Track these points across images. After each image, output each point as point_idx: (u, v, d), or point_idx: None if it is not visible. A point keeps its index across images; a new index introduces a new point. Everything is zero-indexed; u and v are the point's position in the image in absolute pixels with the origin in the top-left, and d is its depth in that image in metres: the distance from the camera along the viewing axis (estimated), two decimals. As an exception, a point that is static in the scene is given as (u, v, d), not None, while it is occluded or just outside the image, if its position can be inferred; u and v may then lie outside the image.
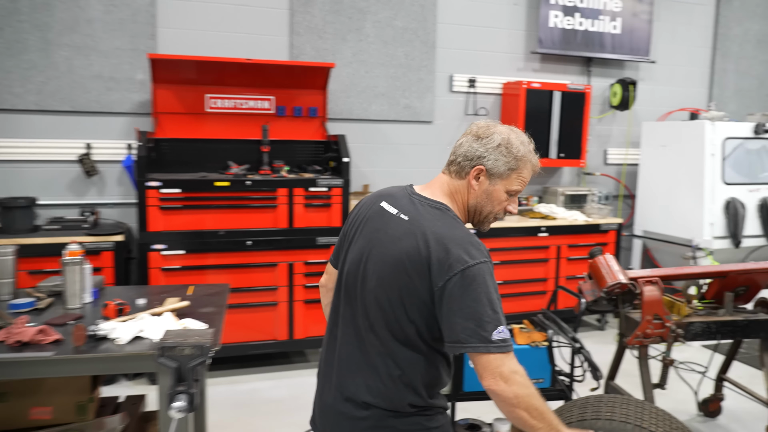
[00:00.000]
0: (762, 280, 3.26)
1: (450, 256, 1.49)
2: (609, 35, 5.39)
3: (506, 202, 1.67)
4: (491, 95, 5.17)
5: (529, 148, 1.67)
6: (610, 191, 5.65)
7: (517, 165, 1.63)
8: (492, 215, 1.69)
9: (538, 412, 1.46)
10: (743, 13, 6.00)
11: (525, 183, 1.67)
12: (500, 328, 1.46)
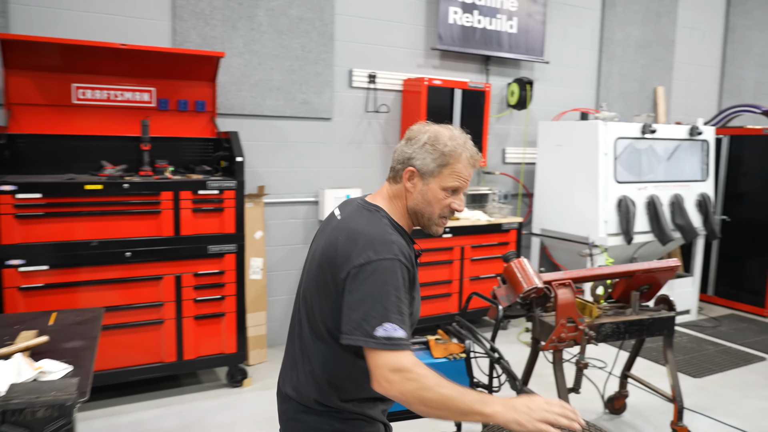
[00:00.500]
0: (662, 278, 3.32)
1: (355, 249, 1.52)
2: (506, 34, 5.40)
3: (448, 201, 1.65)
4: (392, 92, 4.98)
5: (460, 141, 1.64)
6: (508, 190, 5.67)
7: (446, 160, 1.61)
8: (435, 216, 1.66)
9: (437, 402, 1.41)
10: (625, 19, 6.28)
11: (462, 178, 1.64)
12: (386, 325, 1.43)
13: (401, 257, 1.53)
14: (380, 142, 5.00)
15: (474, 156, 1.66)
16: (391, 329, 1.44)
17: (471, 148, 1.66)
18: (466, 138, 1.68)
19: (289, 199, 4.63)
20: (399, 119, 5.04)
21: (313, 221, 4.74)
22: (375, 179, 5.00)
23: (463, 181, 1.65)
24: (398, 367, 1.42)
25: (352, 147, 4.88)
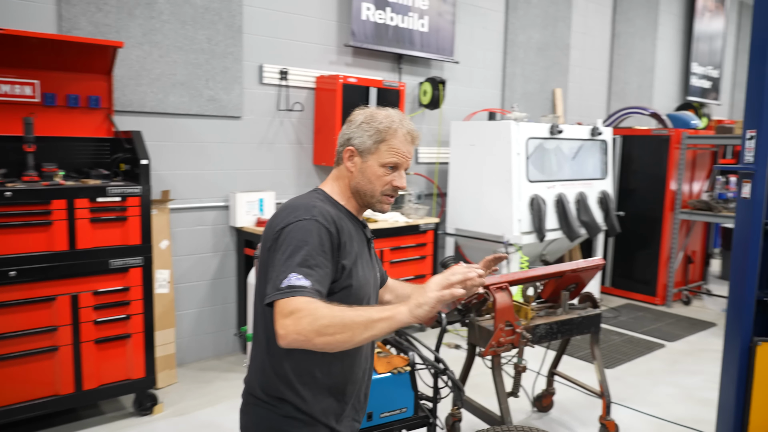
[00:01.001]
0: (588, 276, 3.38)
1: (278, 218, 1.59)
2: (418, 33, 5.34)
3: (388, 177, 1.67)
4: (305, 89, 4.75)
5: (396, 118, 1.68)
6: (422, 190, 5.63)
7: (381, 136, 1.65)
8: (377, 193, 1.68)
9: (336, 326, 1.36)
10: (526, 22, 6.47)
11: (400, 153, 1.67)
12: (290, 275, 1.42)
13: (320, 218, 1.54)
14: (293, 142, 4.75)
15: (411, 132, 1.70)
16: (294, 278, 1.42)
17: (408, 125, 1.70)
18: (403, 116, 1.72)
19: (197, 204, 4.26)
20: (312, 118, 4.81)
21: (223, 227, 4.40)
22: (289, 181, 4.75)
23: (401, 157, 1.67)
24: (291, 310, 1.37)
25: (264, 147, 4.59)
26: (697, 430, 3.50)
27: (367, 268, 1.72)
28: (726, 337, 2.88)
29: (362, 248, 1.72)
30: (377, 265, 1.86)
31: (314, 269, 1.47)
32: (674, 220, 6.04)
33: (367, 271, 1.71)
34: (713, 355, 4.74)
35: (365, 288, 1.69)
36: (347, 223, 1.67)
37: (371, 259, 1.79)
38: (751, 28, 2.73)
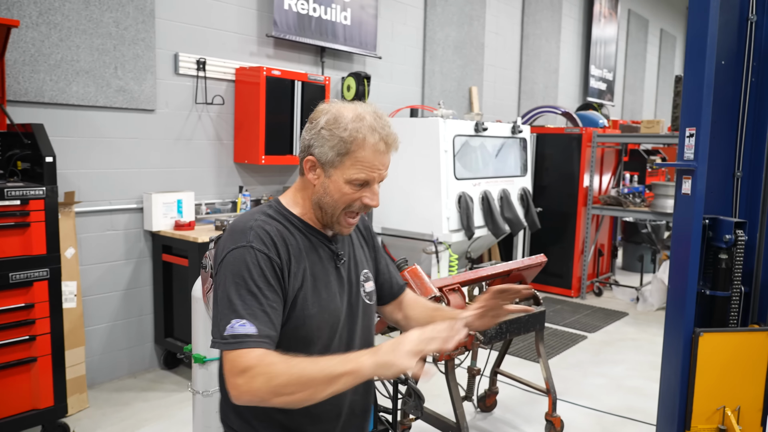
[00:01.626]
0: (531, 274, 3.38)
1: (220, 245, 1.40)
2: (341, 25, 5.15)
3: (356, 195, 1.40)
4: (224, 81, 4.41)
5: (366, 122, 1.37)
6: (346, 189, 5.46)
7: (346, 147, 1.37)
8: (337, 211, 1.42)
9: (293, 383, 1.20)
10: (444, 20, 6.47)
11: (371, 167, 1.38)
12: (233, 322, 1.25)
13: (255, 243, 1.33)
14: (212, 138, 4.40)
15: (385, 138, 1.39)
16: (237, 325, 1.25)
17: (381, 129, 1.39)
18: (376, 116, 1.41)
19: (106, 207, 3.82)
20: (232, 112, 4.49)
21: (136, 231, 3.98)
22: (209, 180, 4.39)
23: (370, 172, 1.39)
24: (242, 368, 1.21)
25: (181, 144, 4.21)
26: (634, 419, 3.61)
27: (333, 291, 1.46)
28: (667, 328, 2.96)
29: (325, 267, 1.46)
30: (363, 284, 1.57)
31: (259, 310, 1.28)
32: (587, 215, 6.29)
33: (331, 296, 1.45)
34: (631, 344, 4.96)
35: (329, 316, 1.44)
36: (298, 239, 1.43)
37: (344, 278, 1.51)
38: (687, 27, 2.80)
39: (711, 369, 2.80)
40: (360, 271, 1.57)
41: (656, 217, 5.92)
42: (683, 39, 13.91)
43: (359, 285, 1.55)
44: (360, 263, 1.58)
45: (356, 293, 1.54)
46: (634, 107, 11.62)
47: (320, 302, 1.42)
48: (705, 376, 2.80)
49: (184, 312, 3.96)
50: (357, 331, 1.52)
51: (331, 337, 1.45)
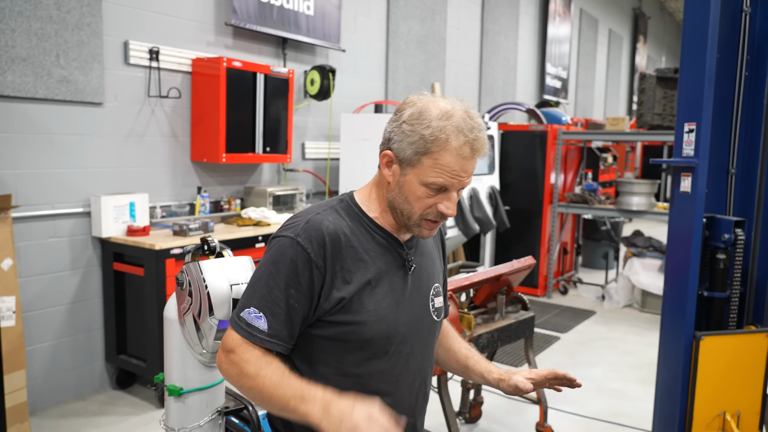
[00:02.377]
0: (519, 278, 3.22)
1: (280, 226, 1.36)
2: (304, 16, 4.86)
3: (431, 200, 1.28)
4: (180, 73, 4.05)
5: (454, 122, 1.24)
6: (309, 189, 5.18)
7: (426, 147, 1.24)
8: (415, 216, 1.30)
9: (254, 393, 1.25)
10: (407, 13, 6.26)
11: (449, 173, 1.25)
12: (252, 310, 1.26)
13: (302, 238, 1.26)
14: (168, 135, 4.03)
15: (472, 142, 1.25)
16: (254, 315, 1.26)
17: (469, 132, 1.25)
18: (468, 116, 1.26)
19: (49, 212, 3.41)
20: (189, 107, 4.13)
21: (83, 238, 3.59)
22: (164, 180, 4.03)
23: (450, 178, 1.26)
24: (229, 347, 1.27)
25: (133, 141, 3.83)
26: (622, 424, 3.50)
27: (395, 300, 1.34)
28: (664, 331, 2.84)
29: (391, 274, 1.34)
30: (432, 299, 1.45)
31: (279, 307, 1.25)
32: (553, 213, 6.23)
33: (392, 305, 1.33)
34: (604, 344, 4.90)
35: (386, 327, 1.32)
36: (364, 240, 1.33)
37: (412, 289, 1.38)
38: (683, 21, 2.68)
39: (712, 373, 2.69)
40: (431, 283, 1.45)
41: (621, 214, 5.91)
42: (629, 39, 14.25)
43: (429, 299, 1.43)
44: (432, 275, 1.46)
45: (424, 307, 1.42)
46: (586, 105, 11.78)
47: (377, 310, 1.31)
48: (706, 380, 2.69)
49: (138, 326, 3.60)
50: (418, 348, 1.40)
51: (386, 349, 1.33)
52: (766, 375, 2.77)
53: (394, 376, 1.36)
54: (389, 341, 1.33)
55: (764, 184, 2.82)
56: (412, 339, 1.38)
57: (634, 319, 5.63)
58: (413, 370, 1.40)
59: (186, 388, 1.71)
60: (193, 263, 1.65)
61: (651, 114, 5.61)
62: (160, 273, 3.41)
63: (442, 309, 1.48)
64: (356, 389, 1.29)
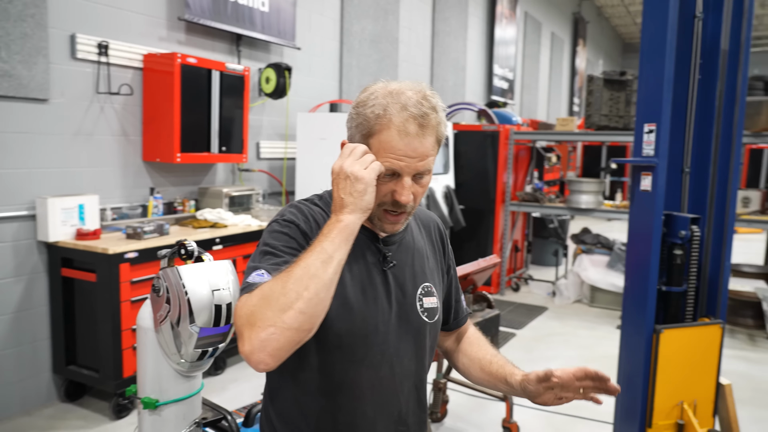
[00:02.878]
0: (480, 278, 3.25)
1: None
2: (258, 12, 4.75)
3: (384, 188, 1.18)
4: (131, 68, 3.88)
5: (399, 99, 1.15)
6: (265, 189, 5.08)
7: (370, 128, 1.17)
8: (375, 206, 1.19)
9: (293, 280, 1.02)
10: (360, 12, 6.23)
11: (397, 156, 1.15)
12: (256, 272, 1.12)
13: (288, 215, 1.23)
14: (118, 133, 3.85)
15: (418, 118, 1.14)
16: (256, 275, 1.11)
17: (414, 108, 1.15)
18: (419, 93, 1.18)
19: (-10, 215, 3.20)
20: (140, 104, 3.96)
21: (28, 243, 3.38)
22: (114, 181, 3.85)
23: (396, 160, 1.15)
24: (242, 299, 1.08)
25: (81, 140, 3.64)
26: (583, 417, 3.59)
27: (371, 297, 1.26)
28: (625, 325, 2.93)
29: (365, 268, 1.27)
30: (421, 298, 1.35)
31: (279, 264, 1.13)
32: (505, 212, 6.34)
33: (368, 301, 1.25)
34: (558, 339, 5.02)
35: (362, 323, 1.24)
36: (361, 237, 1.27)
37: (391, 285, 1.30)
38: (642, 24, 2.77)
39: (671, 365, 2.79)
40: (419, 282, 1.34)
41: (571, 212, 6.08)
42: (570, 43, 14.70)
43: (415, 298, 1.33)
44: (420, 274, 1.36)
45: (410, 306, 1.32)
46: (531, 106, 12.07)
47: (348, 303, 1.22)
48: (665, 372, 2.79)
49: (90, 334, 3.42)
50: (405, 350, 1.30)
51: (365, 350, 1.25)
52: (719, 364, 2.91)
53: (378, 379, 1.28)
54: (367, 340, 1.25)
55: (716, 182, 2.95)
56: (397, 340, 1.29)
57: (585, 313, 5.80)
58: (401, 373, 1.31)
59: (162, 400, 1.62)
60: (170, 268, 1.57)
61: (598, 115, 5.80)
62: (114, 279, 3.26)
63: (435, 310, 1.37)
64: (340, 395, 1.25)
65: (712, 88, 2.93)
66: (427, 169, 1.20)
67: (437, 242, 1.47)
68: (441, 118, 1.20)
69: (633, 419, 2.87)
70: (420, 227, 1.43)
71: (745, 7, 2.82)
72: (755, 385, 4.12)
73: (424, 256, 1.40)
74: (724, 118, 2.90)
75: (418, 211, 1.45)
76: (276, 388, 1.31)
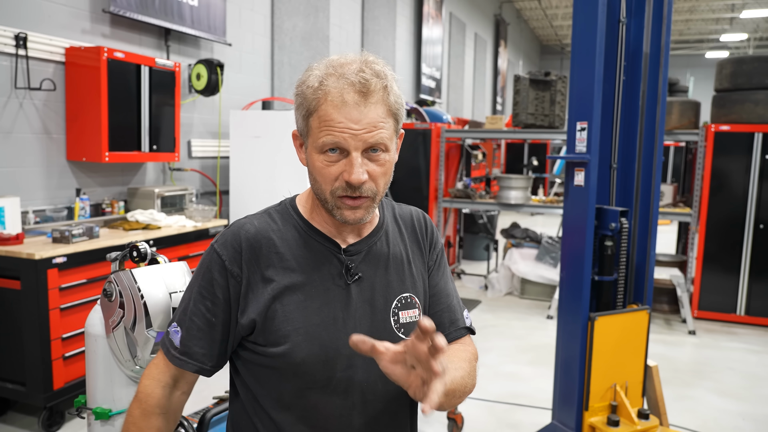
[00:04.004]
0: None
1: None
2: (188, 6, 4.60)
3: (333, 169, 1.07)
4: (52, 62, 3.66)
5: (337, 70, 1.07)
6: (197, 189, 4.93)
7: (309, 106, 1.07)
8: (328, 194, 1.09)
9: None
10: (291, 9, 6.16)
11: (339, 127, 1.04)
12: (173, 325, 1.18)
13: (219, 246, 1.14)
14: (39, 131, 3.63)
15: (358, 85, 1.04)
16: (172, 329, 1.17)
17: (353, 75, 1.05)
18: (357, 62, 1.09)
19: None
20: (64, 101, 3.75)
21: (-60, 250, 3.13)
22: (36, 182, 3.62)
23: (338, 132, 1.04)
24: (145, 374, 1.21)
25: (-2, 138, 3.40)
26: (521, 404, 3.72)
27: (332, 316, 1.13)
28: (561, 314, 3.08)
29: (323, 284, 1.14)
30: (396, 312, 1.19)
31: (192, 320, 1.14)
32: (438, 208, 6.47)
33: (329, 321, 1.13)
34: (493, 330, 5.18)
35: (320, 348, 1.11)
36: (295, 246, 1.16)
37: (354, 301, 1.16)
38: (572, 28, 2.92)
39: (604, 350, 2.96)
40: (393, 295, 1.19)
41: (501, 208, 6.28)
42: (492, 43, 15.16)
43: (389, 312, 1.18)
44: (397, 284, 1.20)
45: (382, 323, 1.17)
46: (457, 104, 12.35)
47: (307, 327, 1.11)
48: (600, 357, 2.95)
49: (14, 345, 3.20)
50: (377, 373, 1.05)
51: (328, 376, 1.12)
52: (647, 348, 3.11)
53: (347, 408, 1.14)
54: (329, 366, 1.12)
55: (641, 177, 3.15)
56: (366, 363, 1.12)
57: (516, 305, 6.02)
58: (374, 400, 1.16)
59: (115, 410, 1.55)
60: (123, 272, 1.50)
61: (525, 114, 6.03)
62: (41, 285, 3.07)
63: (414, 324, 1.18)
64: (304, 424, 1.13)
65: (635, 89, 3.13)
66: (381, 143, 1.06)
67: (423, 240, 1.30)
68: (390, 87, 1.09)
69: (571, 403, 3.02)
70: (400, 228, 1.28)
71: (664, 12, 3.03)
72: (674, 365, 4.43)
73: (403, 263, 1.24)
74: (647, 117, 3.10)
75: (398, 209, 1.32)
76: (235, 405, 1.24)
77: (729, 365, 4.48)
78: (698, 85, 17.34)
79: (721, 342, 5.02)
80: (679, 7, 15.93)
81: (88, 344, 1.57)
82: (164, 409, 1.18)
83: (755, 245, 5.35)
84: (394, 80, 1.11)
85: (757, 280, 5.36)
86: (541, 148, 11.50)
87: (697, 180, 5.46)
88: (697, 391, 3.99)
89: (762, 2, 14.50)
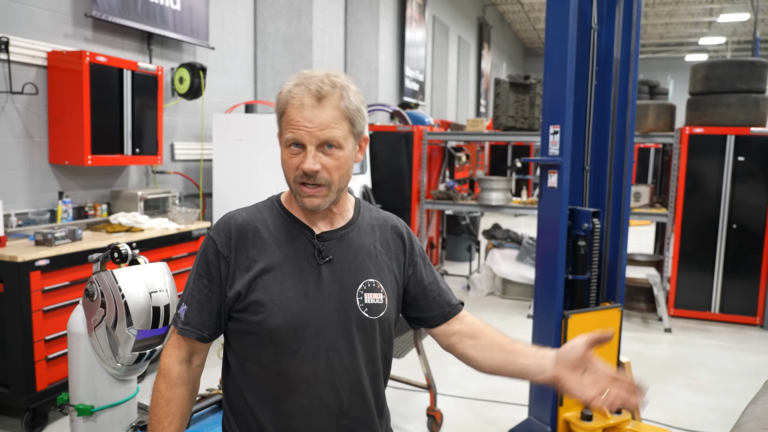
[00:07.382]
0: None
1: None
2: (170, 10, 4.64)
3: (294, 160, 1.28)
4: (34, 67, 3.68)
5: (302, 80, 1.28)
6: (181, 192, 4.97)
7: (279, 109, 1.31)
8: (291, 183, 1.32)
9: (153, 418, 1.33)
10: (274, 12, 6.21)
11: (297, 125, 1.25)
12: (182, 306, 1.37)
13: (213, 232, 1.36)
14: (21, 135, 3.65)
15: (313, 92, 1.25)
16: (182, 308, 1.36)
17: (311, 83, 1.26)
18: (326, 73, 1.29)
19: None
20: (46, 104, 3.77)
21: None
22: (17, 186, 3.65)
23: (296, 129, 1.25)
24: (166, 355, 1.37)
25: None
26: (499, 401, 3.81)
27: (303, 291, 1.31)
28: (537, 312, 3.16)
29: (298, 263, 1.33)
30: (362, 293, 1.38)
31: (193, 295, 1.35)
32: (421, 210, 6.55)
33: (300, 295, 1.31)
34: (474, 330, 5.26)
35: (292, 317, 1.30)
36: (276, 232, 1.36)
37: (325, 280, 1.34)
38: (545, 34, 3.01)
39: (578, 347, 3.05)
40: (360, 278, 1.37)
41: (483, 209, 6.38)
42: (476, 46, 15.29)
43: (354, 293, 1.36)
44: (364, 270, 1.38)
45: (348, 301, 1.35)
46: (441, 107, 12.45)
47: (282, 299, 1.30)
48: (573, 354, 3.04)
49: (-4, 348, 3.22)
50: (342, 344, 1.34)
51: (297, 343, 1.31)
52: (619, 344, 3.21)
53: (314, 372, 1.32)
54: (298, 334, 1.30)
55: (612, 178, 3.24)
56: (332, 334, 1.33)
57: (497, 305, 6.11)
58: (339, 367, 1.34)
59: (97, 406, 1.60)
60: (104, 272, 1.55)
61: (505, 116, 6.13)
62: (24, 288, 3.09)
63: (380, 306, 1.38)
64: (279, 386, 1.32)
65: (607, 93, 3.22)
66: (333, 140, 1.26)
67: (394, 241, 1.48)
68: (345, 96, 1.27)
69: (546, 399, 3.11)
70: (374, 227, 1.45)
71: (633, 19, 3.13)
72: (649, 362, 4.54)
73: (372, 253, 1.41)
74: (618, 120, 3.20)
75: (377, 213, 1.49)
76: (226, 379, 1.40)
77: (702, 361, 4.60)
78: (678, 88, 17.65)
79: (696, 339, 5.15)
80: (659, 11, 16.20)
81: (70, 343, 1.62)
82: (185, 380, 1.35)
83: (728, 245, 5.49)
84: (351, 91, 1.29)
85: (731, 279, 5.50)
86: (524, 150, 11.64)
87: (672, 181, 5.59)
88: (670, 386, 4.11)
89: (739, 7, 14.79)
